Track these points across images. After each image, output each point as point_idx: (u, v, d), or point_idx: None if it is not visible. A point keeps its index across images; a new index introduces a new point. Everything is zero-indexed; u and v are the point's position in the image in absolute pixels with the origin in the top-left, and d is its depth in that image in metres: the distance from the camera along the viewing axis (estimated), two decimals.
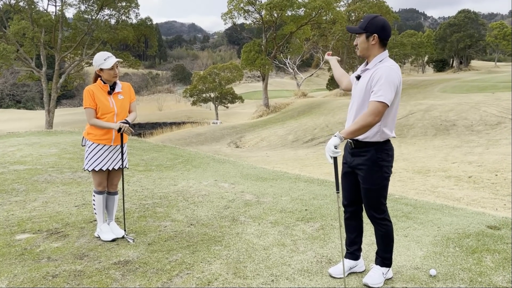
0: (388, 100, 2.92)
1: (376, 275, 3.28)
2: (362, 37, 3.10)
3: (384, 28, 3.05)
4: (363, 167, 3.15)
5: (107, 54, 4.04)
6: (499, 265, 3.61)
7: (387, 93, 2.92)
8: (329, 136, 25.72)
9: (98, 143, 4.09)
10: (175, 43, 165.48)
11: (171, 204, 5.48)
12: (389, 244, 3.31)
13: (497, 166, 12.08)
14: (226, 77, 52.57)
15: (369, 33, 3.05)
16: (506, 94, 29.09)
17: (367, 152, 3.13)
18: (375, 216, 3.23)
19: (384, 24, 3.05)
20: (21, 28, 30.89)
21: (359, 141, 3.14)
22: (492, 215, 5.14)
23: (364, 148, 3.13)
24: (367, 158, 3.13)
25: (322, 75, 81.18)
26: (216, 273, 3.47)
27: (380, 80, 2.94)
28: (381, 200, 3.21)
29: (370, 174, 3.14)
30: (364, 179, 3.18)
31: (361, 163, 3.16)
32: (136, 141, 11.24)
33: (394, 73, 2.97)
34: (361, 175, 3.19)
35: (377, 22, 3.05)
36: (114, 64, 3.99)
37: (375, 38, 3.05)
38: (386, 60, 3.08)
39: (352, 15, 51.48)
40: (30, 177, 6.81)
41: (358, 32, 3.10)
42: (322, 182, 6.97)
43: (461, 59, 79.17)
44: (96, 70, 4.05)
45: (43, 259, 3.73)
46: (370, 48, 3.08)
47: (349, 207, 3.43)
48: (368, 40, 3.07)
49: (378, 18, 3.08)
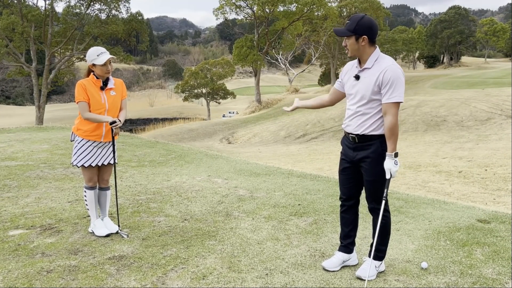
0: (402, 98, 3.10)
1: (369, 268, 3.33)
2: (351, 39, 3.13)
3: (372, 28, 3.10)
4: (368, 159, 3.20)
5: (101, 50, 4.00)
6: (488, 257, 3.68)
7: (400, 92, 3.08)
8: (321, 132, 25.83)
9: (88, 139, 4.07)
10: (166, 38, 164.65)
11: (164, 200, 5.49)
12: (386, 237, 3.35)
13: (487, 161, 12.24)
14: (218, 72, 52.48)
15: (358, 35, 3.09)
16: (495, 90, 29.39)
17: (371, 145, 3.19)
18: (378, 207, 3.26)
19: (371, 23, 3.09)
20: (10, 23, 30.46)
21: (364, 135, 3.20)
22: (482, 209, 5.23)
23: (369, 142, 3.19)
24: (372, 151, 3.19)
25: (314, 71, 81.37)
26: (211, 267, 3.50)
27: (392, 83, 3.05)
28: (384, 191, 3.24)
29: (375, 166, 3.19)
30: (368, 171, 3.22)
31: (366, 155, 3.21)
32: (128, 137, 11.20)
33: (400, 71, 3.10)
34: (365, 167, 3.24)
35: (365, 23, 3.08)
36: (107, 60, 3.97)
37: (364, 39, 3.09)
38: (382, 57, 3.16)
39: (344, 10, 51.55)
40: (22, 173, 6.77)
41: (346, 35, 3.14)
42: (315, 177, 7.01)
43: (451, 55, 79.79)
44: (89, 65, 4.03)
45: (37, 254, 3.73)
46: (361, 49, 3.13)
47: (347, 201, 3.47)
48: (358, 42, 3.11)
49: (365, 18, 3.11)
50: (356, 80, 3.21)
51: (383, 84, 3.06)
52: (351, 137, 3.27)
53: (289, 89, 53.85)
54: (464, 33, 74.44)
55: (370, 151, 3.19)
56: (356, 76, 3.21)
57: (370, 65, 3.14)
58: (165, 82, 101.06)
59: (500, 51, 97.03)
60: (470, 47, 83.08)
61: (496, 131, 19.20)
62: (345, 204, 3.49)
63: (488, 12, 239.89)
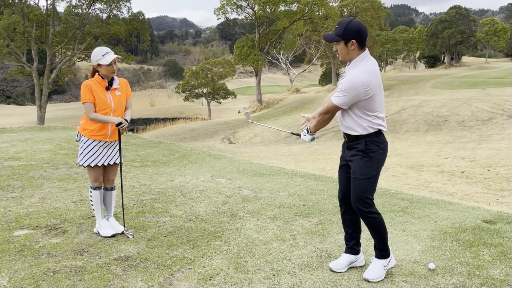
0: (339, 102, 3.13)
1: (376, 268, 3.32)
2: (341, 44, 3.15)
3: (360, 31, 3.11)
4: (354, 158, 3.28)
5: (106, 50, 4.00)
6: (496, 258, 3.66)
7: (341, 97, 3.11)
8: (322, 131, 25.79)
9: (93, 139, 4.07)
10: (167, 38, 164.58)
11: (169, 200, 5.48)
12: (381, 235, 3.34)
13: (489, 161, 12.22)
14: (218, 72, 52.39)
15: (347, 39, 3.10)
16: (497, 90, 29.38)
17: (358, 144, 3.26)
18: (362, 209, 3.27)
19: (359, 27, 3.10)
20: (12, 23, 30.43)
21: (350, 135, 3.28)
22: (487, 210, 5.21)
23: (356, 141, 3.26)
24: (359, 149, 3.25)
25: (314, 71, 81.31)
26: (217, 268, 3.49)
27: (342, 86, 3.11)
28: (367, 192, 3.25)
29: (359, 164, 3.25)
30: (353, 169, 3.29)
31: (353, 154, 3.29)
32: (130, 137, 11.19)
33: (358, 81, 3.06)
34: (352, 166, 3.31)
35: (353, 27, 3.09)
36: (113, 60, 3.96)
37: (353, 43, 3.11)
38: (363, 62, 3.15)
39: (345, 10, 51.48)
40: (26, 173, 6.76)
41: (335, 40, 3.15)
42: (319, 177, 7.00)
43: (452, 55, 79.72)
44: (94, 65, 4.02)
45: (43, 255, 3.72)
46: (350, 53, 3.16)
47: (344, 200, 3.48)
48: (347, 46, 3.13)
49: (352, 22, 3.11)
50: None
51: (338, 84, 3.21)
52: (344, 136, 3.37)
53: (290, 89, 53.81)
54: (465, 33, 74.33)
55: (357, 150, 3.26)
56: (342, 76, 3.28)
57: (348, 69, 3.20)
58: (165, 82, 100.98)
59: (501, 51, 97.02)
60: (471, 47, 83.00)
61: (498, 131, 19.18)
62: (343, 204, 3.50)
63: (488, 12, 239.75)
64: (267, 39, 43.81)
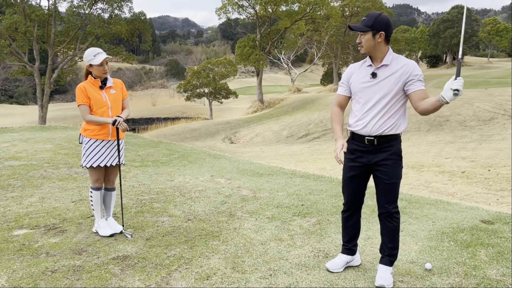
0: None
1: (386, 275, 3.24)
2: (368, 35, 3.08)
3: (389, 25, 3.10)
4: (388, 161, 3.14)
5: (97, 50, 4.05)
6: (493, 258, 3.67)
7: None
8: (323, 131, 25.82)
9: (95, 139, 4.11)
10: (168, 38, 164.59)
11: (168, 200, 5.50)
12: (398, 239, 3.31)
13: (490, 162, 12.21)
14: (220, 72, 52.36)
15: (376, 30, 3.07)
16: (498, 90, 29.31)
17: (391, 146, 3.15)
18: (392, 210, 3.20)
19: (388, 21, 3.10)
20: (14, 23, 30.52)
21: (385, 136, 3.13)
22: (485, 210, 5.22)
23: (389, 143, 3.15)
24: (392, 152, 3.14)
25: (316, 71, 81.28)
26: (215, 268, 3.51)
27: (418, 73, 3.08)
28: (398, 193, 3.22)
29: (395, 167, 3.16)
30: (388, 174, 3.14)
31: (385, 157, 3.14)
32: (131, 137, 11.22)
33: None
34: (384, 170, 3.15)
35: (382, 19, 3.08)
36: (104, 60, 4.00)
37: (381, 35, 3.07)
38: (397, 55, 3.17)
39: (346, 10, 51.43)
40: (26, 173, 6.79)
41: (364, 30, 3.09)
42: (318, 177, 7.01)
43: (454, 55, 79.50)
44: (86, 66, 4.08)
45: (42, 254, 3.74)
46: (377, 45, 3.10)
47: (354, 207, 3.42)
48: (374, 38, 3.08)
49: (382, 15, 3.11)
50: (373, 78, 3.14)
51: (412, 75, 3.06)
52: (368, 140, 3.16)
53: (291, 88, 53.73)
54: (467, 32, 74.15)
55: (390, 153, 3.14)
56: (373, 73, 3.14)
57: (388, 62, 3.11)
58: (167, 82, 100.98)
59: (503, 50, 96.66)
60: (473, 46, 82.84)
61: (499, 131, 19.15)
62: (351, 210, 3.42)
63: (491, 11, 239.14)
64: (268, 39, 43.79)
